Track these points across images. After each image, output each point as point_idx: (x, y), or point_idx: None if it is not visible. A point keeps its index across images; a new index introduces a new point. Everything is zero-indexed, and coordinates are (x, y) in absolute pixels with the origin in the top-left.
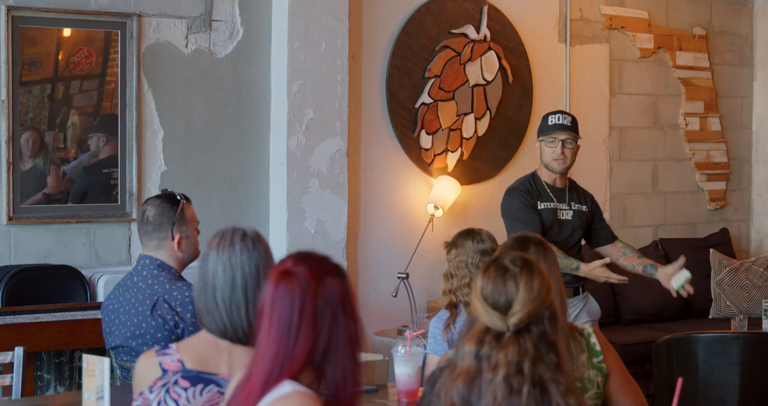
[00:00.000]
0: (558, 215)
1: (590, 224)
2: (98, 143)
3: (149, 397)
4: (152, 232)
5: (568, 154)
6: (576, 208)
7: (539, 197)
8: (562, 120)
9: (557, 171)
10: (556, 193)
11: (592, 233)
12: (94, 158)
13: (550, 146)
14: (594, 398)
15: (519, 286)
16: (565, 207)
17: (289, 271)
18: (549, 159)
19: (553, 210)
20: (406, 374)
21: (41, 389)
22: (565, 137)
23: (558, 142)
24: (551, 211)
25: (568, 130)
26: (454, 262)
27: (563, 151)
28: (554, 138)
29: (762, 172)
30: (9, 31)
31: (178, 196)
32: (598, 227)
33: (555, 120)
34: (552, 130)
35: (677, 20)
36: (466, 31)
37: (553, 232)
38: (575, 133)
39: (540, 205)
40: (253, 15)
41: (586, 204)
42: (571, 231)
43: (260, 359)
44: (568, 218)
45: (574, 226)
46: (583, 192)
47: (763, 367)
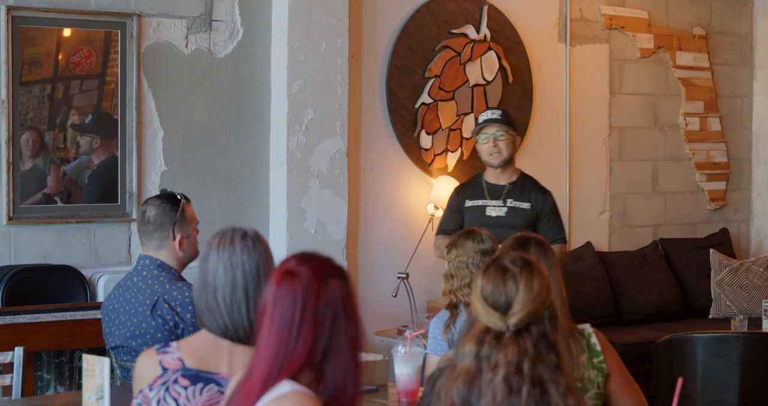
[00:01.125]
0: (486, 211)
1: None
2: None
3: (149, 395)
4: (153, 232)
5: (503, 147)
6: (513, 205)
7: (471, 195)
8: (491, 115)
9: (495, 165)
10: (493, 191)
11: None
12: (94, 158)
13: (483, 143)
14: (594, 398)
15: (519, 286)
16: (499, 204)
17: (292, 271)
18: (485, 155)
19: (481, 207)
20: (406, 374)
21: (41, 389)
22: (495, 130)
23: (490, 136)
24: (478, 208)
25: (498, 123)
26: (454, 262)
27: (496, 144)
28: (486, 133)
29: (762, 172)
30: (9, 31)
31: (179, 196)
32: (541, 228)
33: (485, 116)
34: (482, 126)
35: (677, 20)
36: (466, 31)
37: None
38: (506, 125)
39: (468, 202)
40: (253, 15)
41: (530, 201)
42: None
43: (260, 359)
44: (500, 215)
45: (508, 223)
46: (534, 189)
47: (763, 367)
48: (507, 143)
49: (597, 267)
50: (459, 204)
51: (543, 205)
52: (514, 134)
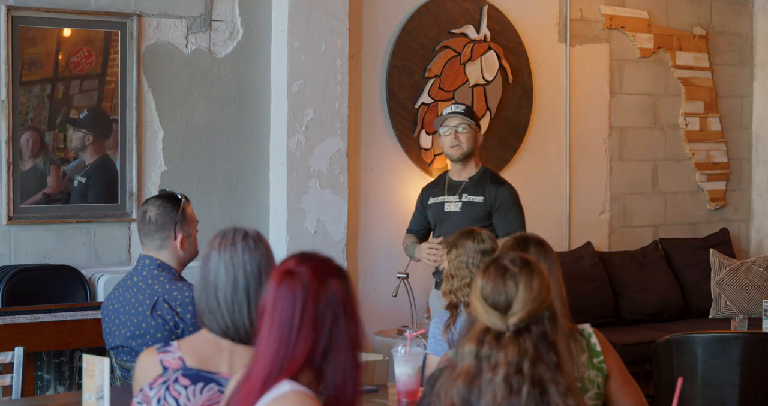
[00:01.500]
0: (444, 208)
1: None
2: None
3: (149, 394)
4: (154, 232)
5: (463, 140)
6: (467, 199)
7: (433, 193)
8: (454, 108)
9: (455, 158)
10: (452, 187)
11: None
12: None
13: (445, 135)
14: (594, 398)
15: (519, 286)
16: (455, 199)
17: (292, 271)
18: (446, 147)
19: (441, 204)
20: (406, 374)
21: (41, 389)
22: (457, 123)
23: (451, 129)
24: (438, 205)
25: (461, 115)
26: (454, 262)
27: (457, 136)
28: (447, 126)
29: (762, 172)
30: (9, 31)
31: (179, 196)
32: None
33: (448, 109)
34: (445, 119)
35: (677, 20)
36: (466, 31)
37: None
38: (469, 118)
39: (430, 200)
40: (253, 15)
41: (484, 195)
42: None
43: (260, 359)
44: (455, 210)
45: (463, 218)
46: (490, 183)
47: (763, 367)
48: (468, 137)
49: (597, 267)
50: (423, 203)
51: (496, 198)
52: (477, 129)
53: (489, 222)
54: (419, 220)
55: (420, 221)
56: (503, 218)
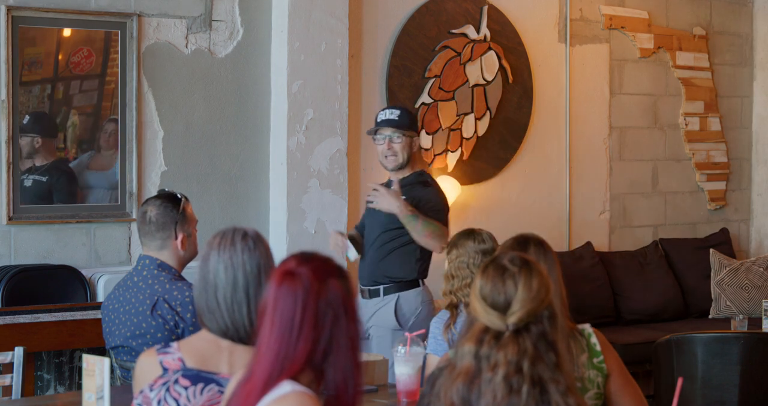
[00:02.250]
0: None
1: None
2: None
3: (149, 395)
4: (155, 232)
5: (398, 150)
6: None
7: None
8: (388, 115)
9: (390, 168)
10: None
11: None
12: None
13: (378, 144)
14: (594, 398)
15: (518, 285)
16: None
17: (293, 271)
18: (381, 157)
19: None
20: (406, 374)
21: (41, 389)
22: (390, 133)
23: (385, 138)
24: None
25: (393, 126)
26: (455, 262)
27: (390, 146)
28: (381, 134)
29: (762, 172)
30: (9, 31)
31: (179, 195)
32: None
33: (382, 116)
34: (379, 127)
35: (677, 20)
36: (466, 31)
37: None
38: (402, 128)
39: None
40: (253, 15)
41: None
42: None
43: (261, 359)
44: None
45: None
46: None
47: (763, 367)
48: (403, 146)
49: (597, 267)
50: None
51: (420, 200)
52: (412, 135)
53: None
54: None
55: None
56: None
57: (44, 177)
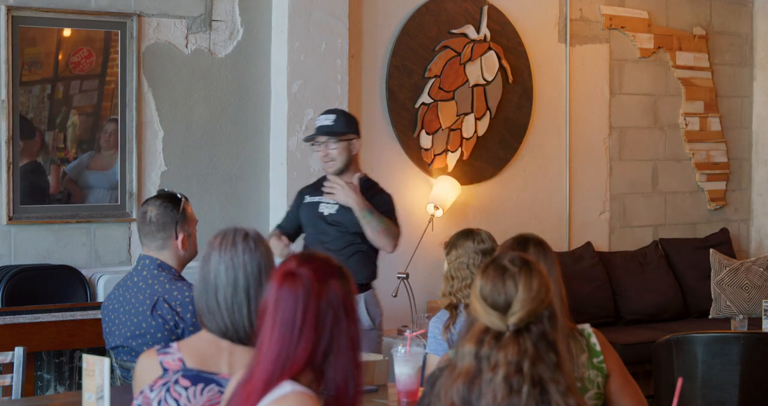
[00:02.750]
0: (319, 208)
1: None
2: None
3: (150, 396)
4: (156, 232)
5: (335, 155)
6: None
7: (310, 193)
8: (324, 121)
9: (330, 172)
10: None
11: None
12: (94, 158)
13: (315, 151)
14: (594, 398)
15: (518, 286)
16: (332, 202)
17: (293, 272)
18: (321, 162)
19: (316, 204)
20: (406, 374)
21: (41, 389)
22: (325, 139)
23: (321, 144)
24: (313, 204)
25: (327, 133)
26: (454, 263)
27: (327, 152)
28: (316, 141)
29: (762, 172)
30: (9, 31)
31: (179, 195)
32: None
33: (318, 122)
34: (315, 134)
35: (677, 20)
36: (466, 31)
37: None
38: (337, 134)
39: (306, 198)
40: (253, 15)
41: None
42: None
43: (262, 360)
44: (332, 212)
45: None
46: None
47: (763, 367)
48: (340, 151)
49: (597, 267)
50: (298, 202)
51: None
52: (349, 138)
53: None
54: (290, 218)
55: (291, 219)
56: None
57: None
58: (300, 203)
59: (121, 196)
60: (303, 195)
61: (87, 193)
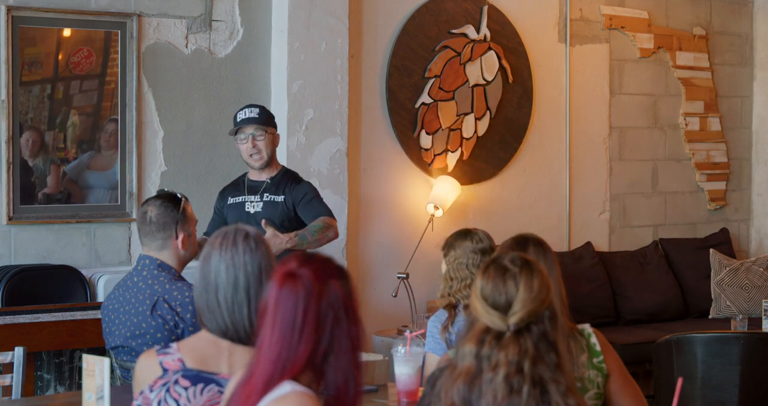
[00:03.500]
0: (245, 208)
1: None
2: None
3: (149, 396)
4: (156, 232)
5: (262, 147)
6: (268, 199)
7: (232, 194)
8: (248, 114)
9: (257, 167)
10: (252, 187)
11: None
12: (94, 158)
13: (242, 143)
14: (594, 398)
15: (519, 286)
16: (256, 199)
17: (294, 272)
18: (245, 156)
19: (241, 204)
20: (406, 374)
21: (41, 389)
22: (253, 131)
23: (248, 136)
24: (238, 205)
25: (256, 123)
26: (453, 265)
27: (255, 144)
28: (244, 133)
29: (762, 172)
30: (9, 31)
31: (179, 195)
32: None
33: (242, 115)
34: (240, 126)
35: (677, 20)
36: (466, 31)
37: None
38: (264, 124)
39: (230, 200)
40: (253, 15)
41: (284, 194)
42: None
43: (262, 360)
44: (257, 210)
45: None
46: (290, 181)
47: (763, 367)
48: (266, 143)
49: (597, 267)
50: (221, 204)
51: (296, 193)
52: (273, 132)
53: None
54: (217, 222)
55: (218, 223)
56: (308, 206)
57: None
58: (224, 204)
59: (121, 196)
60: (225, 197)
61: (87, 193)
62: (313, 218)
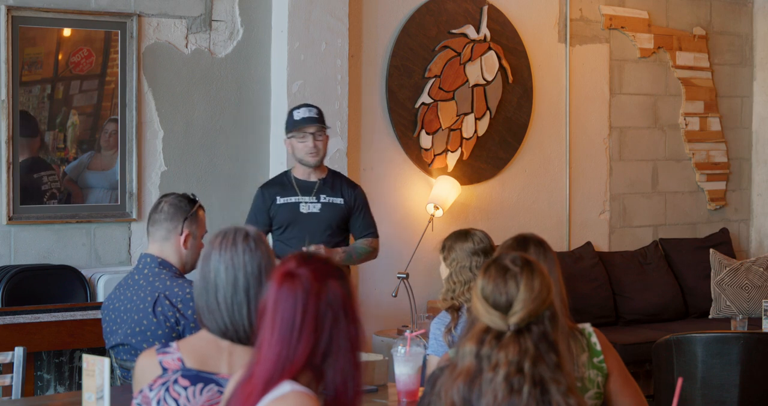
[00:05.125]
0: (301, 208)
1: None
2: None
3: (149, 395)
4: (163, 221)
5: (320, 146)
6: (326, 200)
7: (280, 193)
8: (309, 113)
9: (312, 164)
10: (304, 187)
11: (351, 226)
12: (94, 158)
13: (301, 141)
14: (594, 398)
15: (519, 286)
16: (312, 200)
17: (293, 272)
18: (302, 154)
19: (295, 204)
20: (406, 374)
21: (41, 389)
22: (314, 130)
23: (308, 135)
24: (291, 205)
25: (317, 123)
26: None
27: (315, 143)
28: (304, 132)
29: (762, 172)
30: (9, 31)
31: (197, 199)
32: (353, 222)
33: (302, 114)
34: (301, 125)
35: (677, 20)
36: (466, 31)
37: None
38: (323, 124)
39: (279, 200)
40: (253, 15)
41: (343, 197)
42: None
43: (262, 360)
44: (314, 211)
45: (326, 218)
46: (345, 185)
47: (763, 367)
48: (324, 143)
49: (597, 267)
50: (267, 203)
51: (355, 199)
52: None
53: (345, 223)
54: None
55: (263, 220)
56: (362, 219)
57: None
58: (269, 204)
59: (121, 197)
60: (272, 196)
61: (87, 194)
62: (362, 230)
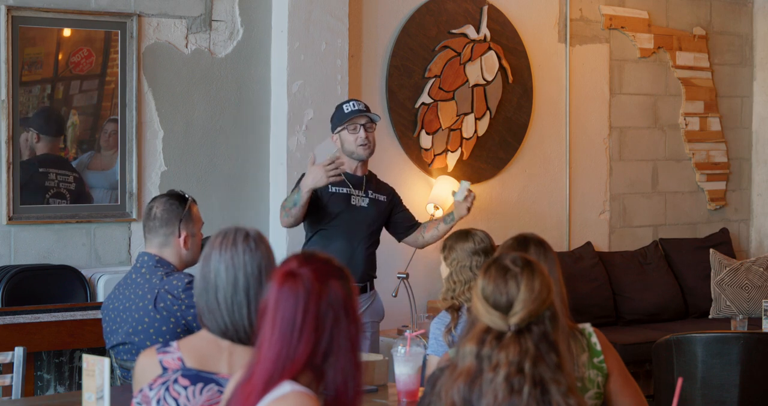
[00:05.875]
0: (351, 201)
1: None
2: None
3: (149, 394)
4: (159, 228)
5: (372, 138)
6: (373, 196)
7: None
8: (357, 106)
9: (364, 157)
10: (354, 181)
11: (395, 222)
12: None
13: (352, 133)
14: (594, 398)
15: (520, 286)
16: (361, 194)
17: (294, 272)
18: (354, 146)
19: (347, 196)
20: (406, 374)
21: (41, 389)
22: (365, 121)
23: (359, 127)
24: (344, 196)
25: (367, 115)
26: (456, 267)
27: (367, 135)
28: (355, 124)
29: (762, 172)
30: (9, 31)
31: (186, 195)
32: (400, 215)
33: (351, 107)
34: (351, 117)
35: (677, 20)
36: (466, 31)
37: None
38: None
39: (331, 188)
40: (253, 15)
41: (385, 195)
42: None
43: (262, 360)
44: (363, 205)
45: (372, 214)
46: (383, 184)
47: (763, 367)
48: (374, 135)
49: (597, 267)
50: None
51: (394, 197)
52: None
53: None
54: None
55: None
56: (404, 211)
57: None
58: (323, 190)
59: (121, 197)
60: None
61: (87, 194)
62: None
